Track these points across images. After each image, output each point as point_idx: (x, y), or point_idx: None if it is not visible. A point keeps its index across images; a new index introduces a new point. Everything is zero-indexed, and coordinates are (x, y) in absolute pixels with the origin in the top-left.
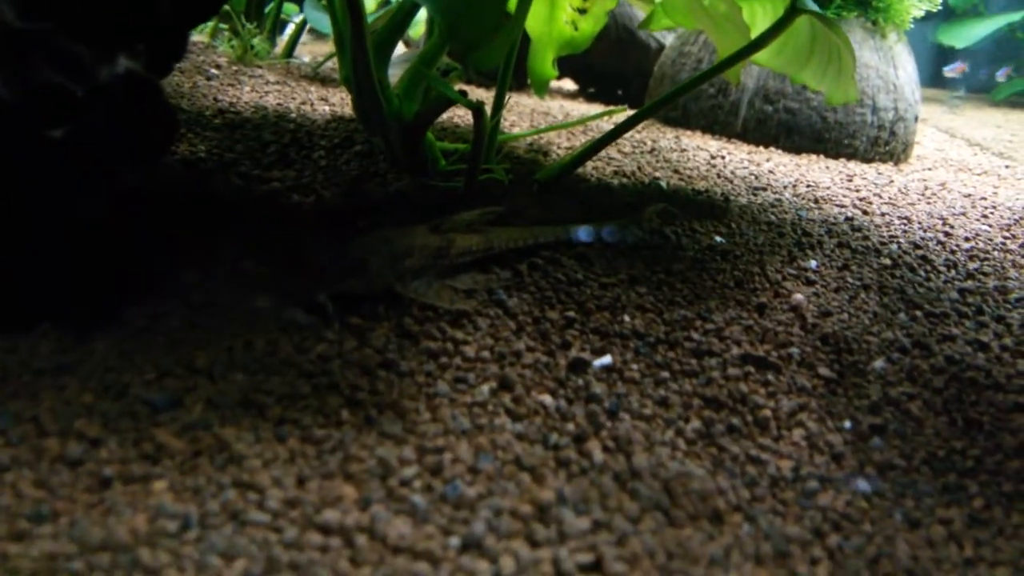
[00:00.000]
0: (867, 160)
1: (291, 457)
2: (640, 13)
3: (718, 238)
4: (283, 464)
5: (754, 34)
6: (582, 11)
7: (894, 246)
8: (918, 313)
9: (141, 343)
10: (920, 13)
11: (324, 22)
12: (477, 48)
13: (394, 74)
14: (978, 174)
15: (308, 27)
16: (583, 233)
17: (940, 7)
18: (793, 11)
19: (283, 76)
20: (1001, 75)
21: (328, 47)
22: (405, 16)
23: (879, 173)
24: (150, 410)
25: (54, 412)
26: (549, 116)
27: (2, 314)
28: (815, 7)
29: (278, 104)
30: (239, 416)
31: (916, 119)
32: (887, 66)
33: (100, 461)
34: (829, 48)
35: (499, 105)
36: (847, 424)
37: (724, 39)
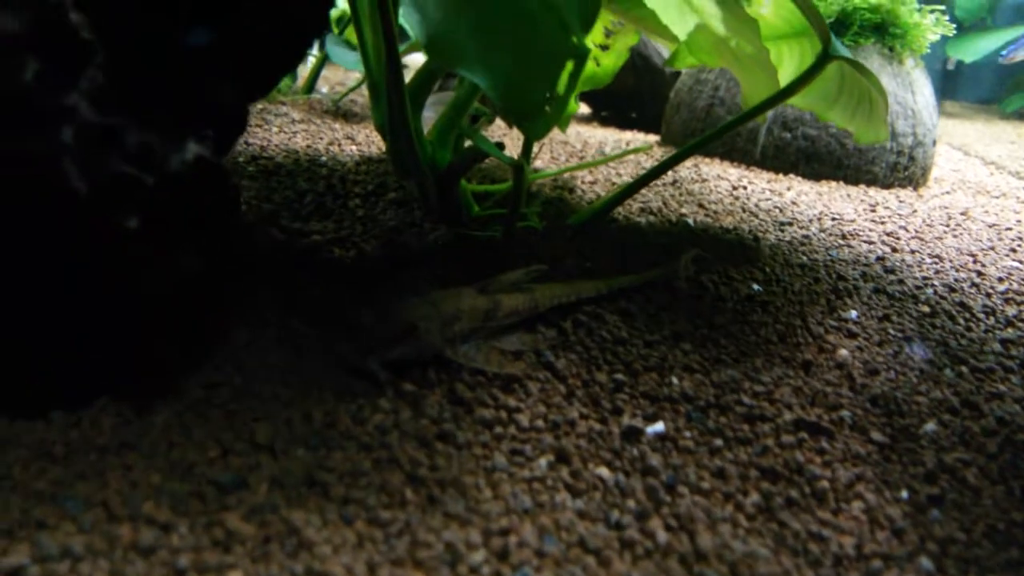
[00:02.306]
0: (886, 186)
1: (359, 541)
2: (659, 43)
3: (755, 286)
4: (352, 549)
5: (781, 73)
6: (604, 48)
7: (930, 291)
8: (964, 369)
9: (199, 415)
10: (935, 37)
11: (347, 58)
12: (531, 120)
13: (427, 117)
14: (996, 197)
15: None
16: None
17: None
18: (825, 57)
19: (307, 113)
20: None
21: (341, 74)
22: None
23: (900, 201)
24: (217, 491)
25: (122, 495)
26: (567, 145)
27: (66, 389)
28: (847, 52)
29: (307, 146)
30: (304, 497)
31: (934, 143)
32: (905, 92)
33: (173, 549)
34: (859, 91)
35: (528, 153)
36: (904, 494)
37: (750, 78)
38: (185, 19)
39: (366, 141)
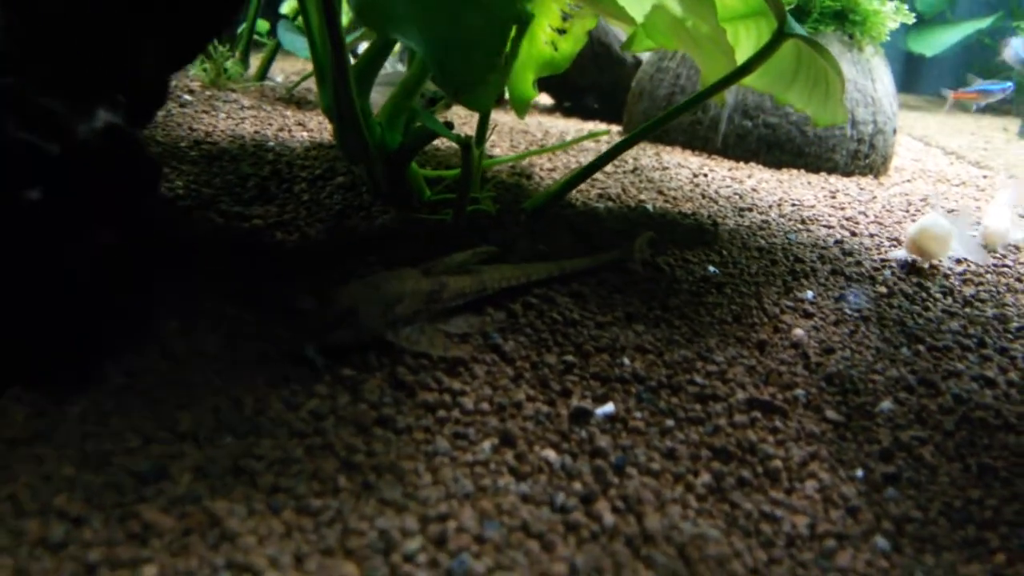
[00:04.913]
0: (847, 174)
1: (287, 531)
2: (617, 28)
3: (711, 268)
4: (279, 540)
5: (738, 53)
6: (562, 32)
7: (887, 272)
8: (920, 347)
9: (121, 404)
10: (895, 25)
11: (298, 44)
12: (469, 91)
13: (376, 100)
14: (956, 185)
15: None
16: None
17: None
18: (780, 35)
19: (258, 100)
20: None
21: (299, 64)
22: (386, 43)
23: (861, 188)
24: (135, 482)
25: (32, 488)
26: (528, 134)
27: None
28: (802, 31)
29: (255, 132)
30: (230, 486)
31: (895, 131)
32: (865, 79)
33: (84, 544)
34: (816, 71)
35: (482, 136)
36: (859, 473)
37: (707, 61)
38: None
39: (318, 128)
